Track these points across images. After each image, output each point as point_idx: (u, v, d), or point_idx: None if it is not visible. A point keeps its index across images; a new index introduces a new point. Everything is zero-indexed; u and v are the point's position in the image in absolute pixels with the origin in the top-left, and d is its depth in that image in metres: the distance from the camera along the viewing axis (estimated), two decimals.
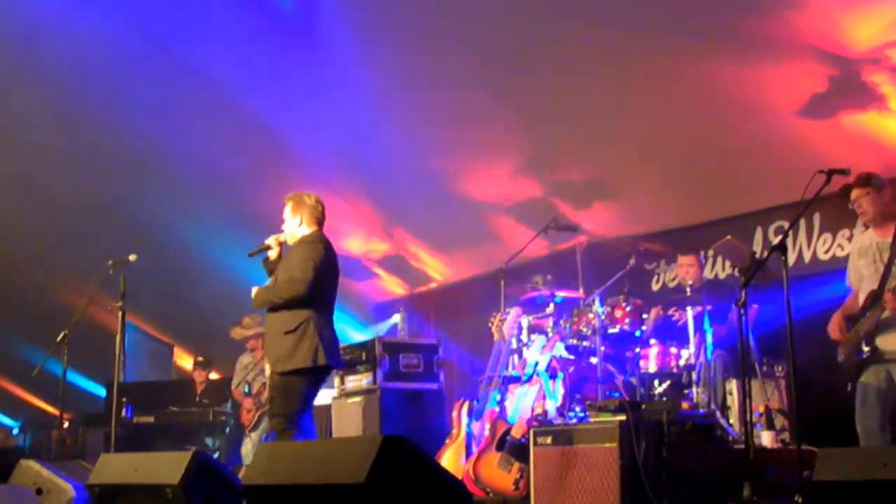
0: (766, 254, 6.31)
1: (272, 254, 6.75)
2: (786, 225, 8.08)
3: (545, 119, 8.70)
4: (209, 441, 10.91)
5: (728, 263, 8.57)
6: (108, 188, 11.08)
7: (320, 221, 6.67)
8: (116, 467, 5.68)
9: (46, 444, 18.93)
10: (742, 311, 5.39)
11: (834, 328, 6.16)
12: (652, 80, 7.84)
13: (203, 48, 8.76)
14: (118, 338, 7.06)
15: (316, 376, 6.44)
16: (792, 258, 5.89)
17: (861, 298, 6.06)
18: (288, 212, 6.68)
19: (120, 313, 7.12)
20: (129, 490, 5.45)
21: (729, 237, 7.38)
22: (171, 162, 10.43)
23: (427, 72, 8.45)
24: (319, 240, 6.54)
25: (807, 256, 8.11)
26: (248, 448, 9.82)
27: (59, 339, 7.32)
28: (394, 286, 12.68)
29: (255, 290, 6.54)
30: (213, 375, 11.48)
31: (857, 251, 6.25)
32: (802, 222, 7.98)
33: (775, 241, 7.91)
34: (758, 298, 7.03)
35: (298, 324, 6.33)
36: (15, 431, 22.80)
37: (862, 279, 6.13)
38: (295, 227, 6.62)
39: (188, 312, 13.44)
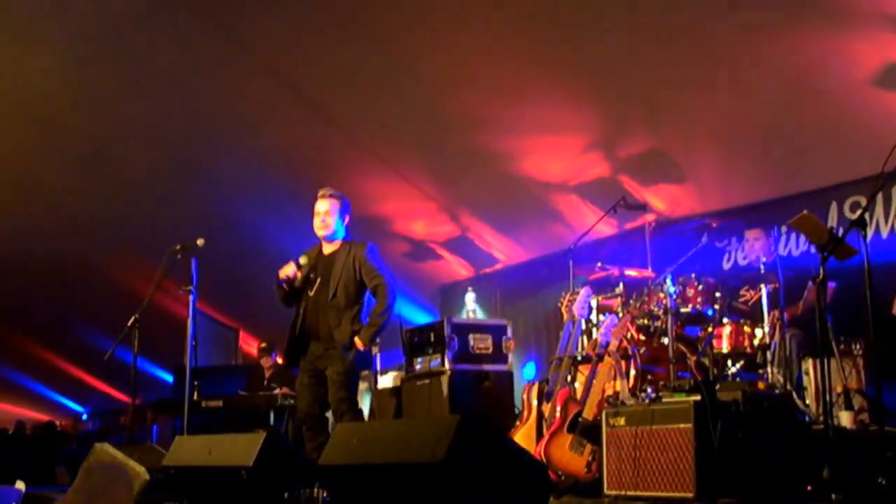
0: (842, 230, 6.18)
1: (300, 273, 6.72)
2: (861, 200, 7.90)
3: (613, 97, 8.61)
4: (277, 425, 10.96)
5: (802, 239, 8.39)
6: (174, 172, 11.19)
7: None
8: (191, 450, 5.75)
9: (114, 428, 19.30)
10: (820, 288, 5.26)
11: None
12: (723, 55, 7.70)
13: (268, 30, 8.78)
14: (189, 322, 7.09)
15: None
16: (869, 233, 5.78)
17: None
18: (333, 208, 6.64)
19: (191, 298, 7.16)
20: (205, 472, 5.51)
21: (805, 212, 7.20)
22: (236, 145, 10.49)
23: (492, 51, 8.37)
24: (368, 243, 6.66)
25: (884, 231, 7.92)
26: None
27: (129, 323, 7.35)
28: (459, 267, 12.65)
29: (358, 340, 6.47)
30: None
31: None
32: (879, 196, 7.76)
33: (851, 216, 7.76)
34: (834, 275, 6.86)
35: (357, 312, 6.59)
36: (84, 417, 23.28)
37: None
38: (339, 226, 6.65)
39: (253, 297, 13.52)
